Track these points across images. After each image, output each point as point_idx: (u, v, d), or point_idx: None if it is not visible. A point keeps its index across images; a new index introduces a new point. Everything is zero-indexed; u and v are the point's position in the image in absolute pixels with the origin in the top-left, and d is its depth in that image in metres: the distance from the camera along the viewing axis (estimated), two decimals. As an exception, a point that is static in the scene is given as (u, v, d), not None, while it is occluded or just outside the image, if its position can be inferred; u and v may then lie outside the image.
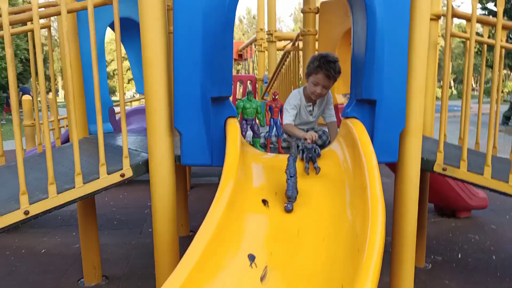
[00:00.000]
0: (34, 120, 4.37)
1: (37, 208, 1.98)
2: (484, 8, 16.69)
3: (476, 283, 2.93)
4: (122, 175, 2.12)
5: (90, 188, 2.07)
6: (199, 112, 2.05)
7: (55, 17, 2.30)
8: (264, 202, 1.86)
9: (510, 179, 2.27)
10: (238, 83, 6.84)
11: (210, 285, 1.53)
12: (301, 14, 3.99)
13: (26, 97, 4.56)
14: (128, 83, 38.03)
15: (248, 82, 6.52)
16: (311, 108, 2.69)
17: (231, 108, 2.11)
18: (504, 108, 15.47)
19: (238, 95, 7.34)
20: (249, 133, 2.39)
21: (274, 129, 2.34)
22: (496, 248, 3.55)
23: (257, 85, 6.56)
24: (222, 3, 1.94)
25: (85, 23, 3.09)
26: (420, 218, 2.51)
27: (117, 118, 3.49)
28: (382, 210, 1.57)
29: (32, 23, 2.50)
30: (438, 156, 2.30)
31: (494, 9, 15.88)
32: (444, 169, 2.29)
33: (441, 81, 2.75)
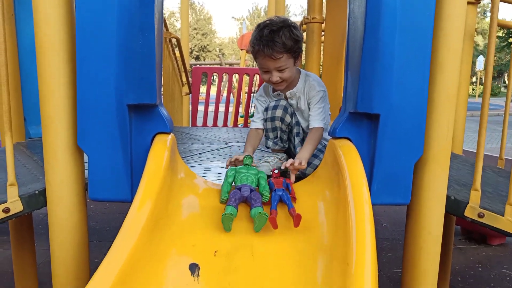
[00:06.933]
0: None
1: None
2: None
3: None
4: (6, 210, 1.48)
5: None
6: (113, 124, 1.38)
7: None
8: (193, 268, 1.19)
9: None
10: (234, 76, 5.98)
11: None
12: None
13: None
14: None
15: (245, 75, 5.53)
16: (282, 99, 1.92)
17: (160, 120, 1.43)
18: None
19: (234, 91, 6.53)
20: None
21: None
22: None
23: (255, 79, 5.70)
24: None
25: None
26: (443, 246, 1.74)
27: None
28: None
29: None
30: (473, 196, 1.57)
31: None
32: (480, 215, 1.56)
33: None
